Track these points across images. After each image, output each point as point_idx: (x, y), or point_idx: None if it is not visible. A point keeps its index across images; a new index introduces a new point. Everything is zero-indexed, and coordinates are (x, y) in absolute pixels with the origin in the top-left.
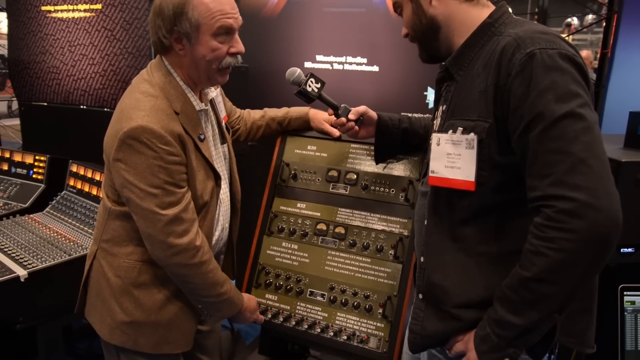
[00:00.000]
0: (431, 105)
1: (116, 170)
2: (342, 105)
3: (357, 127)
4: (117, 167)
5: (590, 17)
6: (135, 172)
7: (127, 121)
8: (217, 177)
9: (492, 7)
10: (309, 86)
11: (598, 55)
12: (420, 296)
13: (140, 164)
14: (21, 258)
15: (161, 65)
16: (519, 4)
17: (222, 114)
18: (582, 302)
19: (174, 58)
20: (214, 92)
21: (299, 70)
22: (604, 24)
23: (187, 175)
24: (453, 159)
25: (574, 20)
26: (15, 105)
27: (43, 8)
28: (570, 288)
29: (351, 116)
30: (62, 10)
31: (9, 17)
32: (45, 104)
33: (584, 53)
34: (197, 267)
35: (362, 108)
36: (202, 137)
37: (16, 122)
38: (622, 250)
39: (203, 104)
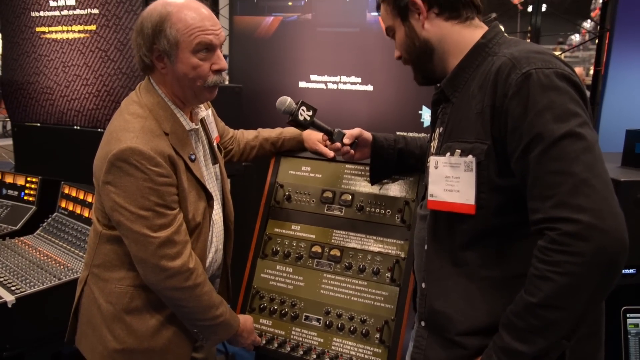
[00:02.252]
0: (426, 124)
1: (106, 194)
2: (335, 130)
3: (352, 151)
4: (106, 190)
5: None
6: (125, 195)
7: (116, 143)
8: (209, 198)
9: (485, 28)
10: (301, 115)
11: (590, 72)
12: (423, 323)
13: (130, 186)
14: (9, 283)
15: (149, 86)
16: (510, 23)
17: (214, 134)
18: (589, 327)
19: (158, 77)
20: (204, 112)
21: (289, 99)
22: (597, 41)
23: (178, 197)
24: (452, 182)
25: (576, 37)
26: (9, 125)
27: (37, 29)
28: (579, 313)
29: (346, 140)
30: (56, 31)
31: (3, 38)
32: (39, 124)
33: (576, 70)
34: (191, 290)
35: (356, 131)
36: (193, 157)
37: (9, 142)
38: (623, 271)
39: (193, 123)
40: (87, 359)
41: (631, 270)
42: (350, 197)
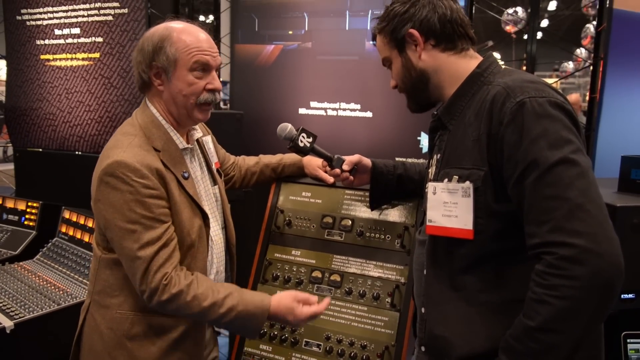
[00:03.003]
0: (425, 150)
1: (98, 212)
2: (335, 157)
3: (351, 177)
4: (98, 209)
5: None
6: (113, 210)
7: (105, 160)
8: (204, 217)
9: (480, 58)
10: (301, 141)
11: (586, 98)
12: (423, 348)
13: (117, 201)
14: (8, 308)
15: (144, 106)
16: (506, 50)
17: (214, 159)
18: (589, 350)
19: (154, 93)
20: (200, 133)
21: (290, 125)
22: (591, 68)
23: (170, 211)
24: (450, 207)
25: (570, 65)
26: (10, 150)
27: (42, 57)
28: (577, 336)
29: (345, 167)
30: (60, 59)
31: (8, 65)
32: (40, 150)
33: (573, 97)
34: (173, 301)
35: (355, 157)
36: (186, 174)
37: (10, 167)
38: (622, 296)
39: (189, 144)
40: None
41: (630, 295)
42: (350, 222)
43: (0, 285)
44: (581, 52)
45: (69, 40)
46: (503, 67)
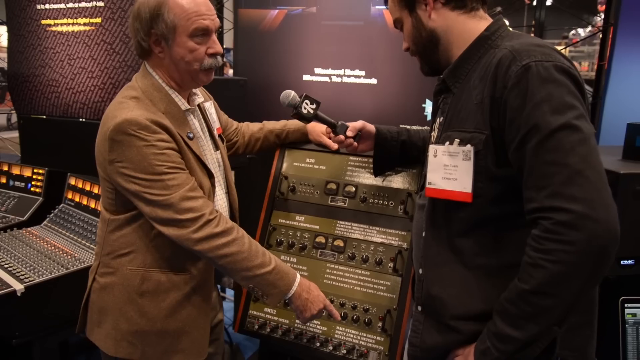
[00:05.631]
0: (429, 117)
1: (115, 172)
2: (339, 123)
3: (355, 144)
4: (115, 168)
5: (587, 29)
6: (133, 166)
7: (112, 120)
8: (210, 176)
9: (489, 20)
10: (304, 108)
11: (594, 67)
12: (419, 308)
13: (136, 156)
14: (18, 272)
15: (144, 71)
16: (516, 16)
17: (215, 125)
18: (582, 316)
19: (155, 61)
20: (201, 98)
21: (293, 92)
22: (601, 36)
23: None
24: (450, 170)
25: (581, 32)
26: (14, 118)
27: (43, 22)
28: (570, 300)
29: (349, 133)
30: (62, 24)
31: (9, 31)
32: (44, 116)
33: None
34: (226, 234)
35: (359, 123)
36: (190, 135)
37: (15, 134)
38: (622, 262)
39: (189, 105)
40: (101, 348)
41: (630, 261)
42: (353, 188)
43: (10, 250)
44: (591, 19)
45: (70, 5)
46: (512, 31)
